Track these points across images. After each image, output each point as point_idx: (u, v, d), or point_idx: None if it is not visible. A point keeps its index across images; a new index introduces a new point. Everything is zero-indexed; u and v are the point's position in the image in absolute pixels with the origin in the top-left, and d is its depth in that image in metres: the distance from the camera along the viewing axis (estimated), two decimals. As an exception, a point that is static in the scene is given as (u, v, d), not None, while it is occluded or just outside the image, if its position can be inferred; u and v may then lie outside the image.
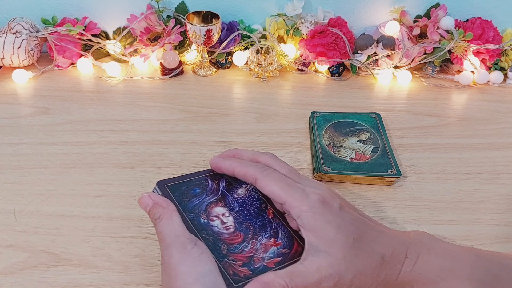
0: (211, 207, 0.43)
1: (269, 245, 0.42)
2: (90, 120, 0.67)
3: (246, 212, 0.44)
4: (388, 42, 0.77)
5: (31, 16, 0.78)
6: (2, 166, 0.58)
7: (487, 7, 0.81)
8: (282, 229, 0.44)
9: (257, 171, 0.43)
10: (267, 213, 0.45)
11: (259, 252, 0.41)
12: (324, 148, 0.61)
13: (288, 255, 0.42)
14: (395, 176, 0.57)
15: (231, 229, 0.42)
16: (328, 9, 0.81)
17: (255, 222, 0.43)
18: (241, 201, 0.45)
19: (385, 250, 0.41)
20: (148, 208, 0.41)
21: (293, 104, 0.73)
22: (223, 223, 0.42)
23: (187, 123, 0.68)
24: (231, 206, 0.44)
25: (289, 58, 0.79)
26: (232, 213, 0.43)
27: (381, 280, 0.40)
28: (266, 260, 0.40)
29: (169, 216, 0.40)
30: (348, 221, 0.40)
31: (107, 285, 0.45)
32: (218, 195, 0.44)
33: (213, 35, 0.73)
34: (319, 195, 0.41)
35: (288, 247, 0.42)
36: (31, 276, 0.45)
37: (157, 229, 0.40)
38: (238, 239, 0.41)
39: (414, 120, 0.71)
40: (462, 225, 0.53)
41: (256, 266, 0.40)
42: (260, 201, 0.46)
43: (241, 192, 0.46)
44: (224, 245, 0.40)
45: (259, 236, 0.42)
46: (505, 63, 0.80)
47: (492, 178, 0.60)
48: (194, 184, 0.45)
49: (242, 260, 0.40)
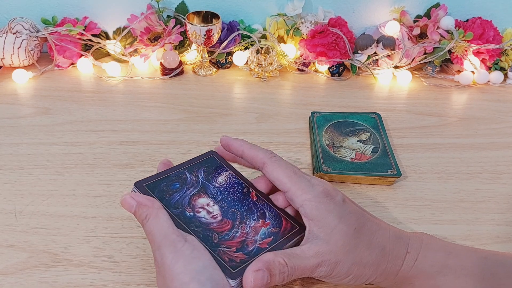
0: (194, 199, 0.43)
1: (258, 226, 0.43)
2: (91, 120, 0.67)
3: (230, 199, 0.45)
4: (388, 42, 0.77)
5: (31, 16, 0.78)
6: (2, 166, 0.58)
7: (487, 7, 0.81)
8: (268, 209, 0.45)
9: (266, 156, 0.44)
10: (250, 196, 0.46)
11: (250, 235, 0.41)
12: (324, 148, 0.61)
13: (279, 233, 0.43)
14: (395, 176, 0.57)
15: (218, 217, 0.42)
16: (328, 9, 0.81)
17: (240, 207, 0.44)
18: (223, 189, 0.45)
19: (386, 243, 0.41)
20: (132, 210, 0.41)
21: (293, 104, 0.73)
22: (210, 213, 0.42)
23: (188, 123, 0.68)
24: (214, 195, 0.44)
25: (289, 58, 0.79)
26: (217, 202, 0.44)
27: (381, 273, 0.40)
28: (258, 241, 0.41)
29: (156, 214, 0.39)
30: (350, 212, 0.41)
31: (108, 285, 0.45)
32: (198, 186, 0.45)
33: (213, 35, 0.73)
34: (323, 187, 0.42)
35: (278, 226, 0.43)
36: (32, 276, 0.45)
37: (145, 229, 0.39)
38: (227, 226, 0.42)
39: (414, 120, 0.71)
40: (463, 225, 0.53)
41: (250, 249, 0.40)
42: (242, 186, 0.46)
43: (221, 180, 0.46)
44: (214, 234, 0.40)
45: (247, 219, 0.43)
46: (505, 63, 0.80)
47: (493, 178, 0.60)
48: (172, 179, 0.44)
49: (235, 245, 0.40)
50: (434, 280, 0.41)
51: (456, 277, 0.40)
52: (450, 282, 0.40)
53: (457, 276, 0.40)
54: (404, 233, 0.43)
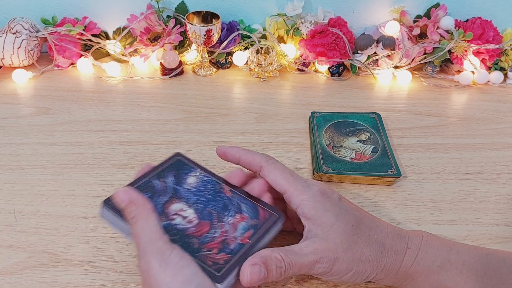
0: (167, 207, 0.42)
1: (236, 222, 0.42)
2: (90, 120, 0.67)
3: (203, 199, 0.43)
4: (388, 42, 0.77)
5: (31, 16, 0.78)
6: (2, 166, 0.58)
7: (487, 7, 0.81)
8: (243, 202, 0.44)
9: (262, 159, 0.44)
10: (224, 192, 0.45)
11: (230, 233, 0.41)
12: (324, 148, 0.61)
13: (258, 224, 0.42)
14: (395, 176, 0.57)
15: (194, 221, 0.41)
16: (328, 9, 0.81)
17: (215, 206, 0.43)
18: (195, 190, 0.44)
19: (385, 238, 0.42)
20: (123, 204, 0.39)
21: (293, 104, 0.73)
22: (185, 218, 0.41)
23: (187, 123, 0.68)
24: (186, 198, 0.43)
25: (289, 58, 0.79)
26: (190, 205, 0.43)
27: (381, 269, 0.40)
28: (239, 238, 0.40)
29: (145, 217, 0.38)
30: (347, 210, 0.42)
31: (108, 286, 0.45)
32: (169, 193, 0.43)
33: (213, 35, 0.73)
34: (319, 187, 0.43)
35: (255, 217, 0.43)
36: (31, 276, 0.45)
37: (133, 230, 0.38)
38: (206, 228, 0.41)
39: (414, 120, 0.71)
40: (463, 225, 0.53)
41: (232, 247, 0.39)
42: (214, 183, 0.45)
43: (192, 181, 0.45)
44: (194, 239, 0.39)
45: (224, 217, 0.42)
46: (505, 63, 0.80)
47: (493, 178, 0.60)
48: (142, 190, 0.43)
49: (217, 247, 0.39)
50: (437, 276, 0.41)
51: (459, 272, 0.40)
52: (453, 277, 0.40)
53: (460, 271, 0.40)
54: (403, 230, 0.44)
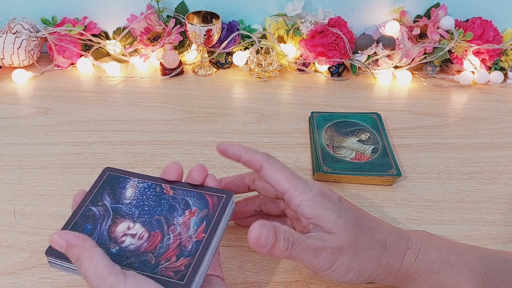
0: (113, 230, 0.39)
1: (187, 220, 0.40)
2: (91, 120, 0.67)
3: (147, 208, 0.41)
4: (388, 42, 0.77)
5: (31, 16, 0.78)
6: (2, 166, 0.58)
7: (487, 7, 0.81)
8: (188, 195, 0.42)
9: (263, 158, 0.44)
10: (166, 193, 0.43)
11: (184, 234, 0.39)
12: (324, 148, 0.61)
13: (209, 213, 0.41)
14: (395, 176, 0.57)
15: (145, 235, 0.39)
16: (328, 9, 0.81)
17: (161, 211, 0.41)
18: (135, 203, 0.42)
19: (386, 238, 0.42)
20: (62, 250, 0.37)
21: (293, 104, 0.73)
22: (134, 236, 0.39)
23: (188, 123, 0.68)
24: (130, 214, 0.41)
25: (289, 58, 0.79)
26: (136, 220, 0.40)
27: (383, 269, 0.40)
28: (194, 236, 0.39)
29: (89, 256, 0.36)
30: (347, 210, 0.42)
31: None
32: (111, 215, 0.41)
33: (213, 35, 0.73)
34: (319, 188, 0.42)
35: (205, 207, 0.41)
36: (32, 277, 0.45)
37: (81, 272, 0.36)
38: (158, 238, 0.39)
39: (414, 120, 0.71)
40: (463, 225, 0.53)
41: (189, 248, 0.38)
42: (153, 187, 0.43)
43: (130, 193, 0.42)
44: (149, 255, 0.38)
45: (173, 219, 0.40)
46: (505, 63, 0.80)
47: (493, 178, 0.60)
48: (81, 223, 0.40)
49: (174, 253, 0.38)
50: (437, 276, 0.40)
51: (459, 272, 0.40)
52: (453, 277, 0.40)
53: (460, 271, 0.40)
54: (403, 230, 0.43)
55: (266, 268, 0.47)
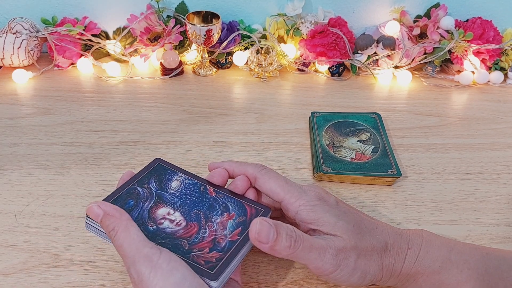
0: (153, 212, 0.42)
1: (224, 221, 0.42)
2: (91, 120, 0.67)
3: (189, 201, 0.44)
4: (388, 42, 0.77)
5: (31, 16, 0.78)
6: (2, 166, 0.58)
7: (487, 7, 0.81)
8: (229, 201, 0.44)
9: (256, 170, 0.45)
10: (209, 193, 0.45)
11: (219, 231, 0.41)
12: (324, 148, 0.61)
13: (246, 221, 0.42)
14: (395, 176, 0.57)
15: (182, 223, 0.41)
16: (328, 9, 0.81)
17: (202, 207, 0.43)
18: (179, 194, 0.44)
19: (387, 238, 0.42)
20: (99, 219, 0.39)
21: (293, 104, 0.73)
22: (172, 221, 0.41)
23: (188, 123, 0.68)
24: (171, 202, 0.43)
25: (289, 58, 0.79)
26: (176, 208, 0.43)
27: (386, 269, 0.40)
28: (228, 235, 0.41)
29: (125, 227, 0.37)
30: (345, 212, 0.42)
31: (108, 286, 0.45)
32: (154, 198, 0.43)
33: (213, 35, 0.73)
34: (315, 192, 0.43)
35: (243, 214, 0.43)
36: (32, 277, 0.45)
37: (114, 243, 0.37)
38: (194, 229, 0.41)
39: (414, 120, 0.71)
40: (463, 225, 0.53)
41: (223, 245, 0.40)
42: (198, 185, 0.46)
43: (175, 185, 0.45)
44: (183, 241, 0.39)
45: (212, 217, 0.42)
46: (505, 63, 0.80)
47: (493, 178, 0.60)
48: (125, 198, 0.42)
49: (207, 246, 0.39)
50: (438, 276, 0.41)
51: (460, 271, 0.40)
52: (454, 276, 0.40)
53: (461, 270, 0.40)
54: (403, 231, 0.43)
55: (266, 268, 0.47)
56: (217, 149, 0.63)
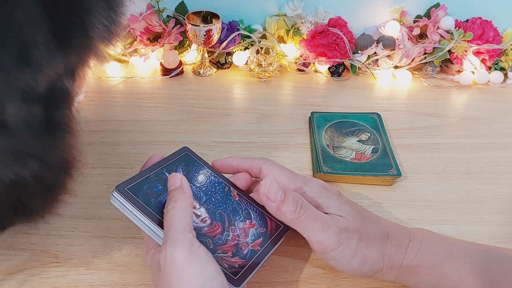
0: None
1: (247, 228, 0.42)
2: (91, 120, 0.67)
3: (214, 199, 0.43)
4: (388, 42, 0.77)
5: (31, 16, 0.78)
6: (2, 166, 0.58)
7: (487, 7, 0.81)
8: (251, 208, 0.44)
9: (260, 161, 0.46)
10: (232, 196, 0.44)
11: (242, 238, 0.41)
12: (324, 148, 0.61)
13: (267, 233, 0.42)
14: (395, 176, 0.57)
15: (207, 220, 0.41)
16: (328, 9, 0.81)
17: (226, 208, 0.43)
18: (205, 189, 0.44)
19: (388, 229, 0.42)
20: (172, 187, 0.40)
21: (293, 104, 0.73)
22: (198, 216, 0.41)
23: (188, 123, 0.68)
24: (198, 196, 0.42)
25: (289, 58, 0.79)
26: (202, 204, 0.42)
27: (387, 258, 0.41)
28: (250, 244, 0.40)
29: (185, 206, 0.38)
30: (348, 201, 0.44)
31: (108, 286, 0.45)
32: None
33: (213, 35, 0.73)
34: (319, 182, 0.45)
35: (264, 226, 0.43)
36: (32, 277, 0.45)
37: (167, 213, 0.38)
38: (218, 230, 0.40)
39: (414, 120, 0.71)
40: (463, 225, 0.53)
41: (245, 252, 0.39)
42: (222, 185, 0.45)
43: (202, 179, 0.45)
44: (208, 240, 0.39)
45: (235, 221, 0.42)
46: (505, 63, 0.80)
47: (493, 178, 0.60)
48: (153, 180, 0.42)
49: (230, 250, 0.39)
50: (440, 268, 0.41)
51: (461, 265, 0.41)
52: (456, 269, 0.40)
53: (462, 263, 0.41)
54: (404, 226, 0.44)
55: (266, 268, 0.47)
56: (217, 149, 0.63)
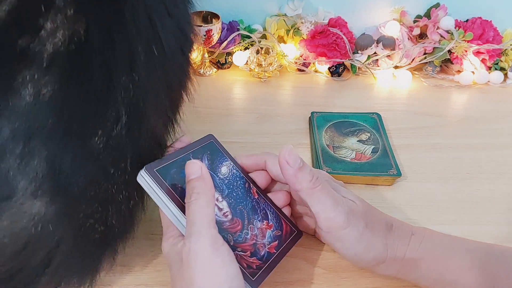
0: None
1: (264, 228, 0.41)
2: (90, 120, 0.67)
3: (235, 194, 0.42)
4: (388, 42, 0.77)
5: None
6: (2, 166, 0.58)
7: (487, 7, 0.81)
8: (269, 209, 0.43)
9: (265, 154, 0.47)
10: (252, 193, 0.44)
11: (259, 238, 0.40)
12: (324, 148, 0.61)
13: (282, 237, 0.42)
14: (395, 176, 0.57)
15: (229, 215, 0.40)
16: (328, 9, 0.81)
17: (245, 205, 0.42)
18: (227, 182, 0.43)
19: (392, 221, 0.43)
20: (192, 176, 0.38)
21: (293, 104, 0.73)
22: (220, 210, 0.40)
23: (188, 123, 0.67)
24: (220, 188, 0.42)
25: (289, 58, 0.79)
26: (224, 197, 0.41)
27: (391, 248, 0.41)
28: (267, 246, 0.40)
29: (208, 199, 0.36)
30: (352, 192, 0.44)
31: (108, 286, 0.45)
32: None
33: (213, 35, 0.73)
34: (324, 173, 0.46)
35: (279, 229, 0.42)
36: (32, 277, 0.45)
37: (190, 206, 0.36)
38: (238, 227, 0.39)
39: (414, 120, 0.71)
40: (463, 225, 0.53)
41: (262, 254, 0.39)
42: (243, 180, 0.44)
43: (225, 171, 0.44)
44: (229, 236, 0.38)
45: (253, 220, 0.41)
46: (505, 63, 0.80)
47: (493, 178, 0.60)
48: (180, 165, 0.40)
49: (249, 249, 0.38)
50: (441, 262, 0.41)
51: (462, 258, 0.41)
52: (457, 263, 0.41)
53: (463, 257, 0.41)
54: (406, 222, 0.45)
55: (266, 268, 0.47)
56: (217, 149, 0.63)
